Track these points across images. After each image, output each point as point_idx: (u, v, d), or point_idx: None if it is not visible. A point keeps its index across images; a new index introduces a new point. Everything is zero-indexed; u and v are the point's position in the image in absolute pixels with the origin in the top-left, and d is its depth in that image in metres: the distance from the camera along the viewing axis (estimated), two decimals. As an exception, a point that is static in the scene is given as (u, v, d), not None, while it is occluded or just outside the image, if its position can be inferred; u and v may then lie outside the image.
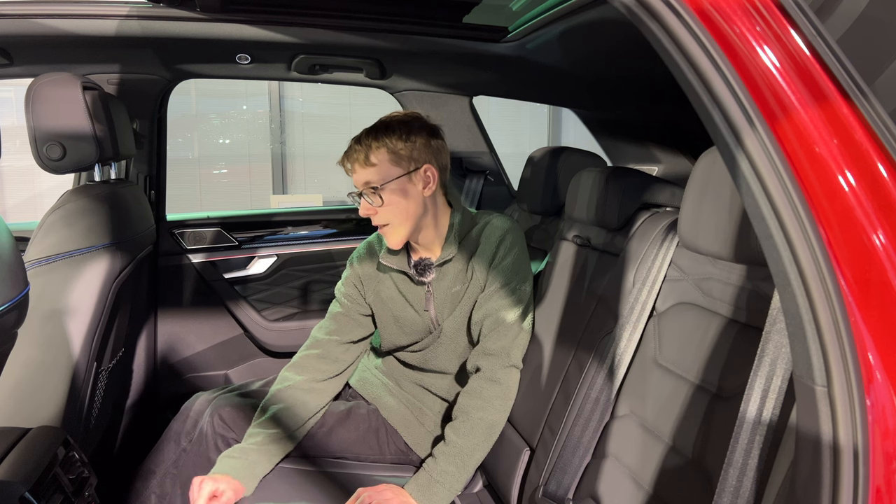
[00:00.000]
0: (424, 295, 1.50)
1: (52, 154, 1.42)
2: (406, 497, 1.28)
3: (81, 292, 1.35)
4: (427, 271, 1.48)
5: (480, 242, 1.47)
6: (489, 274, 1.45)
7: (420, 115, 1.47)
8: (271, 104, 5.41)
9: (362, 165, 1.40)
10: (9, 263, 0.77)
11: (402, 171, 1.40)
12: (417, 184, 1.42)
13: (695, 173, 1.05)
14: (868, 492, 0.60)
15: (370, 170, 1.40)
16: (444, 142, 1.48)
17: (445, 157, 1.49)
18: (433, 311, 1.50)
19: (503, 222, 1.49)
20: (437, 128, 1.48)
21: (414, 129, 1.42)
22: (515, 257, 1.46)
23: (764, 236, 0.66)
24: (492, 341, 1.40)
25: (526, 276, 1.48)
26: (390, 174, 1.39)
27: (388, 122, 1.42)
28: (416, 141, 1.41)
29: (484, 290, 1.46)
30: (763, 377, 0.81)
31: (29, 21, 1.50)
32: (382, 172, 1.39)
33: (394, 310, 1.53)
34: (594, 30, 1.43)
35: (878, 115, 0.65)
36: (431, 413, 1.54)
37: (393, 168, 1.40)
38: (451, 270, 1.48)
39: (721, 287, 1.02)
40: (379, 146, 1.39)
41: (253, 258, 2.31)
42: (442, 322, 1.49)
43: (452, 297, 1.48)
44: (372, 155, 1.39)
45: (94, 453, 1.57)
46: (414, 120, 1.44)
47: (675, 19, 0.67)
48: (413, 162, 1.41)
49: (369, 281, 1.57)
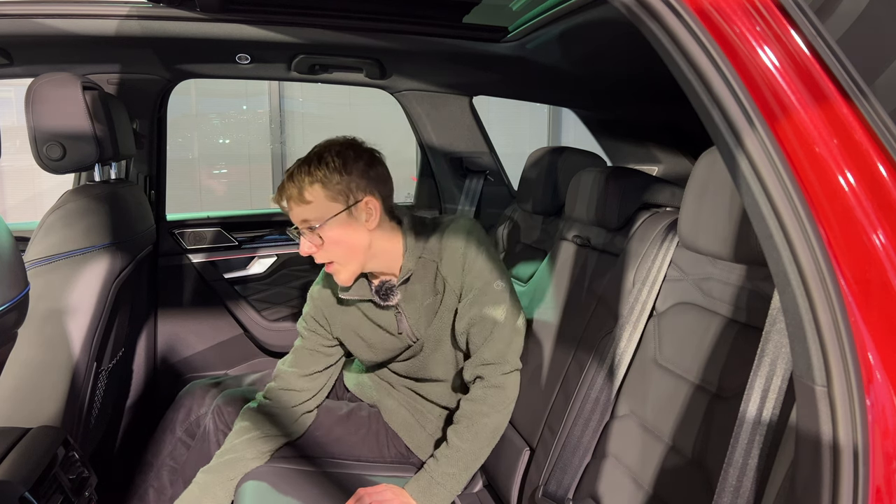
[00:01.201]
0: (395, 317, 1.42)
1: (52, 154, 1.42)
2: (406, 498, 1.28)
3: (81, 292, 1.34)
4: (391, 294, 1.39)
5: (444, 249, 1.37)
6: (462, 282, 1.37)
7: (356, 142, 1.35)
8: (271, 104, 5.41)
9: (297, 203, 1.29)
10: (9, 263, 0.77)
11: (341, 207, 1.29)
12: (360, 217, 1.31)
13: (695, 173, 1.05)
14: (868, 492, 0.60)
15: (306, 207, 1.29)
16: (384, 166, 1.36)
17: (388, 183, 1.36)
18: (408, 330, 1.42)
19: (462, 224, 1.39)
20: (375, 153, 1.36)
21: (349, 160, 1.29)
22: (484, 258, 1.37)
23: (764, 236, 0.66)
24: (486, 350, 1.35)
25: (500, 273, 1.39)
26: (328, 212, 1.28)
27: (321, 154, 1.30)
28: (352, 172, 1.29)
29: (461, 297, 1.38)
30: (763, 377, 0.81)
31: (29, 21, 1.50)
32: (320, 210, 1.28)
33: (365, 338, 1.46)
34: (594, 30, 1.43)
35: (878, 115, 0.65)
36: (432, 417, 1.52)
37: (330, 205, 1.28)
38: (417, 287, 1.39)
39: (721, 287, 1.02)
40: (312, 181, 1.28)
41: (253, 258, 2.31)
42: (421, 336, 1.42)
43: (426, 310, 1.40)
44: (306, 192, 1.28)
45: (94, 453, 1.57)
46: (349, 149, 1.32)
47: (675, 19, 0.67)
48: (352, 195, 1.29)
49: (333, 314, 1.47)
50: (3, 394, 1.24)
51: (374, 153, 1.36)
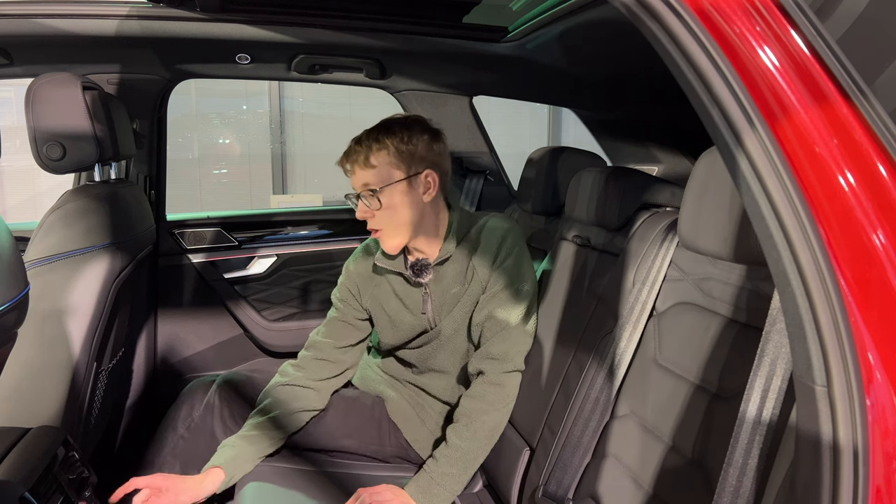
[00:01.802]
0: (421, 297, 1.48)
1: (52, 154, 1.42)
2: (406, 498, 1.28)
3: (81, 292, 1.35)
4: (424, 272, 1.45)
5: (480, 242, 1.45)
6: (490, 275, 1.43)
7: (422, 119, 1.45)
8: (271, 104, 5.40)
9: (362, 167, 1.38)
10: (9, 263, 0.77)
11: (403, 175, 1.37)
12: (417, 189, 1.39)
13: (695, 173, 1.05)
14: (868, 492, 0.60)
15: (369, 172, 1.37)
16: (446, 146, 1.46)
17: (447, 162, 1.46)
18: (430, 313, 1.48)
19: (503, 222, 1.47)
20: (439, 132, 1.45)
21: (415, 133, 1.39)
22: (517, 258, 1.43)
23: (764, 236, 0.66)
24: (494, 345, 1.39)
25: (527, 277, 1.45)
26: (390, 177, 1.37)
27: (389, 124, 1.39)
28: (417, 144, 1.38)
29: (485, 291, 1.44)
30: (763, 377, 0.81)
31: (29, 21, 1.50)
32: (382, 175, 1.37)
33: (390, 313, 1.51)
34: (594, 30, 1.43)
35: (878, 115, 0.65)
36: (433, 412, 1.54)
37: (393, 171, 1.37)
38: (449, 271, 1.46)
39: (721, 287, 1.02)
40: (380, 148, 1.36)
41: (253, 258, 2.31)
42: (440, 323, 1.48)
43: (451, 298, 1.46)
44: (372, 156, 1.36)
45: (94, 453, 1.57)
46: (416, 123, 1.41)
47: (675, 19, 0.67)
48: (414, 166, 1.38)
49: (365, 285, 1.54)
50: (3, 394, 1.24)
51: (438, 132, 1.45)
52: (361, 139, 1.39)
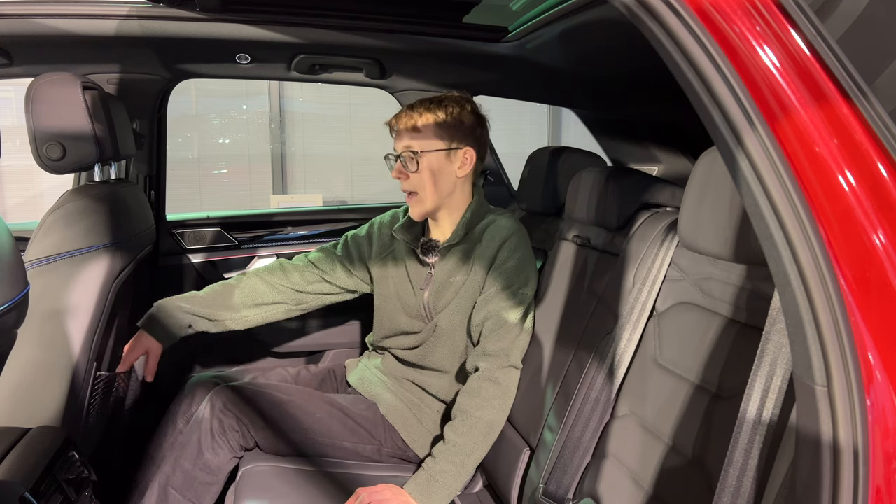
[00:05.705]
0: (425, 276, 1.55)
1: (52, 154, 1.42)
2: (405, 497, 1.28)
3: (81, 292, 1.34)
4: (431, 252, 1.53)
5: (483, 239, 1.50)
6: (489, 274, 1.46)
7: (474, 101, 1.55)
8: (271, 104, 5.40)
9: (408, 130, 1.48)
10: (9, 263, 0.77)
11: (444, 146, 1.47)
12: (454, 162, 1.49)
13: (695, 173, 1.05)
14: (868, 492, 0.60)
15: (414, 135, 1.47)
16: (488, 133, 1.57)
17: (485, 148, 1.56)
18: (427, 294, 1.52)
19: (509, 223, 1.51)
20: (485, 119, 1.56)
21: (465, 112, 1.50)
22: (518, 260, 1.46)
23: (764, 236, 0.66)
24: (492, 342, 1.41)
25: (528, 280, 1.48)
26: (432, 145, 1.47)
27: (442, 99, 1.50)
28: (463, 122, 1.49)
29: (483, 290, 1.47)
30: (763, 377, 0.81)
31: (29, 21, 1.50)
32: (425, 140, 1.47)
33: (394, 282, 1.59)
34: (594, 30, 1.43)
35: (878, 115, 0.65)
36: (430, 412, 1.55)
37: (436, 140, 1.47)
38: (453, 257, 1.52)
39: (721, 287, 1.02)
40: (429, 115, 1.47)
41: (253, 258, 2.30)
42: (436, 315, 1.50)
43: (450, 286, 1.50)
44: (420, 122, 1.47)
45: (94, 453, 1.57)
46: (467, 104, 1.52)
47: (675, 19, 0.67)
48: (456, 140, 1.48)
49: (381, 247, 1.63)
50: (3, 394, 1.24)
51: (484, 118, 1.57)
52: (414, 106, 1.50)
